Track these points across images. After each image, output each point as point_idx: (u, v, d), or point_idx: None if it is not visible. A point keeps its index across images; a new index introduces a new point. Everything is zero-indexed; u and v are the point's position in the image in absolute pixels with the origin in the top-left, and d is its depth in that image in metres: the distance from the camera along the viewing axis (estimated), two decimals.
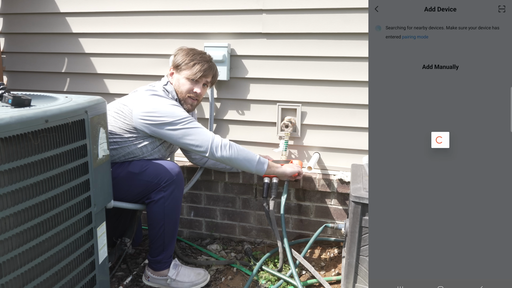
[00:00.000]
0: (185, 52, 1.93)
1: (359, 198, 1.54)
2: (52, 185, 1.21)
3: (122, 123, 1.81)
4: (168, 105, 1.79)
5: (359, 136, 2.17)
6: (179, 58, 1.92)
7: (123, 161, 1.85)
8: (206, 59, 1.93)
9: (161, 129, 1.77)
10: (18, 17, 2.56)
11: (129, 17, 2.37)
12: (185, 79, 1.90)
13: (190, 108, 1.96)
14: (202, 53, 1.95)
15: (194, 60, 1.89)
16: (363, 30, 2.04)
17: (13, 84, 2.64)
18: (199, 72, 1.88)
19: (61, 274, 1.29)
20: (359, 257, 1.59)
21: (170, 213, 1.82)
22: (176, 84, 1.92)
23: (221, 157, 1.79)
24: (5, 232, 1.05)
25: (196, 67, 1.88)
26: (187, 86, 1.90)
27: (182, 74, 1.90)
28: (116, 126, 1.82)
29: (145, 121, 1.77)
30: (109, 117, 1.81)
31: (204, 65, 1.90)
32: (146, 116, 1.77)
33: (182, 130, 1.77)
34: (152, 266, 1.91)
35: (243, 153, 1.84)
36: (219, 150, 1.78)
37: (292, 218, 2.35)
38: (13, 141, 1.06)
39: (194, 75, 1.88)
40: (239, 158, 1.83)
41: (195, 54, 1.92)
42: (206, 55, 1.96)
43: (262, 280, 2.02)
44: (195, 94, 1.92)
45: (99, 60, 2.49)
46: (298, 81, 2.21)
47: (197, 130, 1.78)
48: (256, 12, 2.19)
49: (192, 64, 1.88)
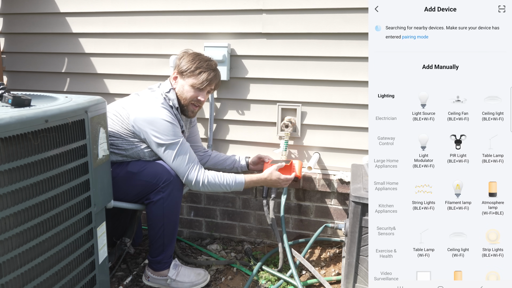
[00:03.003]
0: (191, 57, 1.89)
1: (359, 198, 1.54)
2: (52, 185, 1.21)
3: (120, 126, 1.81)
4: (164, 122, 1.77)
5: (359, 136, 2.17)
6: (184, 64, 1.88)
7: (121, 161, 1.85)
8: (212, 67, 1.90)
9: (150, 142, 1.79)
10: (18, 17, 2.56)
11: (129, 17, 2.37)
12: (190, 86, 1.87)
13: (191, 115, 1.96)
14: (208, 60, 1.91)
15: (201, 68, 1.86)
16: (363, 30, 2.04)
17: (13, 84, 2.64)
18: (205, 81, 1.86)
19: (61, 274, 1.29)
20: (359, 257, 1.59)
21: (169, 214, 1.82)
22: (180, 90, 1.90)
23: (195, 190, 1.84)
24: (5, 232, 1.05)
25: (202, 76, 1.85)
26: (191, 93, 1.88)
27: (187, 81, 1.87)
28: (114, 130, 1.82)
29: (139, 128, 1.78)
30: (108, 119, 1.81)
31: (210, 74, 1.87)
32: (141, 125, 1.77)
33: (168, 152, 1.78)
34: (152, 266, 1.91)
35: (216, 187, 1.84)
36: (192, 186, 1.81)
37: (292, 218, 2.35)
38: (13, 141, 1.06)
39: (200, 84, 1.86)
40: (214, 191, 1.86)
41: (201, 61, 1.88)
42: (212, 63, 1.92)
43: (262, 280, 2.02)
44: (198, 102, 1.91)
45: (99, 60, 2.49)
46: (298, 81, 2.21)
47: (179, 159, 1.78)
48: (256, 12, 2.18)
49: (198, 72, 1.85)
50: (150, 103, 1.81)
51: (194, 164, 1.81)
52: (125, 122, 1.80)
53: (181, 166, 1.79)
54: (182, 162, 1.79)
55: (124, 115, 1.81)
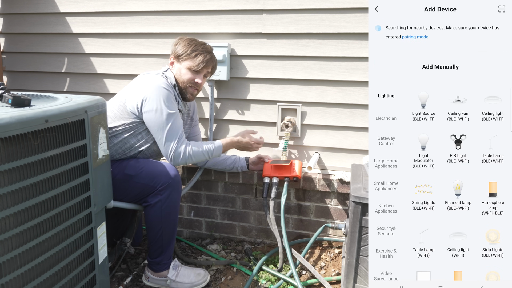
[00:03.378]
0: (186, 42, 1.93)
1: (359, 198, 1.54)
2: (52, 185, 1.21)
3: (118, 106, 1.84)
4: (163, 89, 1.80)
5: (359, 136, 2.17)
6: (180, 48, 1.92)
7: (118, 159, 1.84)
8: (207, 49, 1.94)
9: (147, 111, 1.79)
10: (18, 17, 2.55)
11: (129, 17, 2.37)
12: (186, 69, 1.90)
13: (190, 98, 1.97)
14: (203, 44, 1.96)
15: (196, 51, 1.90)
16: (363, 30, 2.04)
17: (13, 84, 2.64)
18: (202, 63, 1.89)
19: (61, 274, 1.29)
20: (359, 257, 1.58)
21: (168, 216, 1.82)
22: (178, 74, 1.93)
23: (181, 163, 1.85)
24: (5, 232, 1.05)
25: (198, 58, 1.89)
26: (189, 76, 1.91)
27: (184, 64, 1.91)
28: (114, 115, 1.85)
29: (137, 99, 1.80)
30: (111, 108, 1.85)
31: (206, 56, 1.91)
32: (139, 93, 1.80)
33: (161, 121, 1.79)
34: (151, 267, 1.91)
35: (200, 156, 1.88)
36: (179, 160, 1.83)
37: (292, 218, 2.35)
38: (13, 141, 1.06)
39: (197, 66, 1.89)
40: (197, 160, 1.89)
41: (197, 45, 1.92)
42: (207, 46, 1.96)
43: (262, 280, 2.02)
44: (196, 84, 1.93)
45: (99, 60, 2.49)
46: (298, 81, 2.21)
47: (171, 133, 1.80)
48: (256, 12, 2.18)
49: (195, 54, 1.89)
50: (147, 79, 1.86)
51: (183, 139, 1.85)
52: (122, 102, 1.84)
53: (173, 139, 1.80)
54: (174, 136, 1.81)
55: (123, 94, 1.87)
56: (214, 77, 2.22)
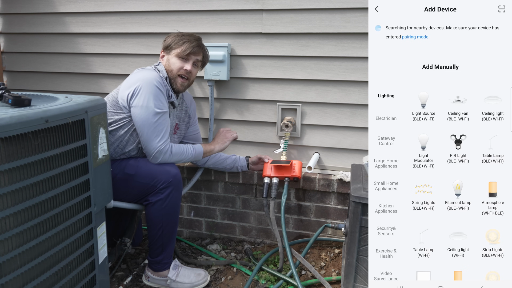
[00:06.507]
0: (174, 34, 1.95)
1: (359, 198, 1.54)
2: (52, 185, 1.21)
3: (111, 101, 1.85)
4: (154, 86, 1.81)
5: (359, 136, 2.17)
6: (169, 40, 1.94)
7: (117, 159, 1.84)
8: (195, 37, 1.95)
9: (132, 106, 1.80)
10: (17, 17, 2.55)
11: (129, 17, 2.37)
12: (175, 57, 1.90)
13: (180, 88, 1.94)
14: (191, 34, 1.96)
15: (184, 39, 1.91)
16: (363, 30, 2.04)
17: (13, 84, 2.64)
18: (188, 49, 1.89)
19: (61, 274, 1.29)
20: (359, 257, 1.58)
21: (168, 215, 1.82)
22: (167, 64, 1.93)
23: (161, 161, 1.84)
24: (5, 232, 1.05)
25: (185, 45, 1.89)
26: (177, 64, 1.90)
27: (172, 53, 1.91)
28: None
29: (127, 93, 1.81)
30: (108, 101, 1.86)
31: (192, 42, 1.91)
32: (131, 87, 1.81)
33: (149, 118, 1.78)
34: (152, 267, 1.91)
35: (178, 156, 1.88)
36: (160, 158, 1.82)
37: (292, 218, 2.35)
38: (13, 141, 1.06)
39: (183, 52, 1.89)
40: (177, 159, 1.89)
41: (184, 35, 1.93)
42: (195, 35, 1.97)
43: (262, 280, 2.01)
44: (185, 72, 1.91)
45: (99, 60, 2.49)
46: (298, 81, 2.21)
47: (158, 130, 1.80)
48: (256, 12, 2.18)
49: (182, 42, 1.90)
50: (139, 73, 1.88)
51: (167, 139, 1.84)
52: (115, 94, 1.86)
53: (156, 138, 1.80)
54: (158, 134, 1.80)
55: (114, 94, 1.89)
56: (214, 77, 2.22)
